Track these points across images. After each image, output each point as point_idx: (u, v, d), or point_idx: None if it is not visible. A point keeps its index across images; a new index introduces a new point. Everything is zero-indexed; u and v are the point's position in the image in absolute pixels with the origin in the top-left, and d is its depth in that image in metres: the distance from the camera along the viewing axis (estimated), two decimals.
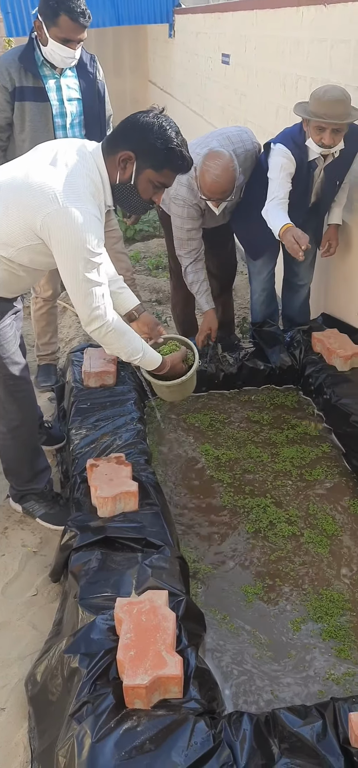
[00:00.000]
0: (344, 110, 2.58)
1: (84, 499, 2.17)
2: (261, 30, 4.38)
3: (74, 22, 2.68)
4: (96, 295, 1.94)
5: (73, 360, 3.04)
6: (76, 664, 1.58)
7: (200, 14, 6.54)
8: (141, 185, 1.96)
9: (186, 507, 2.46)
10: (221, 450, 2.74)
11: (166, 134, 1.89)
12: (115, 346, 2.12)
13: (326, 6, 3.27)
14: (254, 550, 2.25)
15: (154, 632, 1.58)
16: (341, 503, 2.44)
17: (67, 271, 1.91)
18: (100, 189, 1.96)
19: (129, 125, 1.93)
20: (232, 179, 2.73)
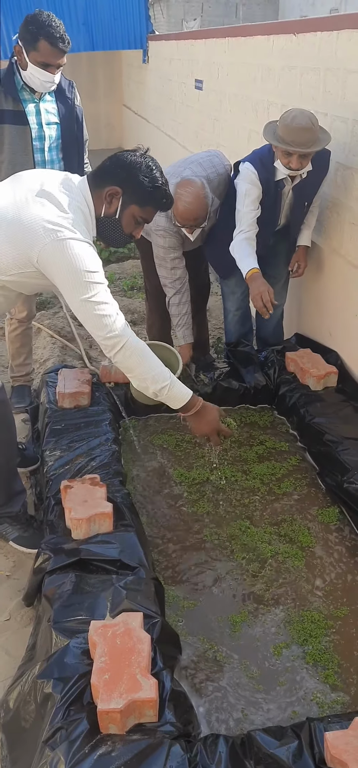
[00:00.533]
0: (311, 137, 2.64)
1: (58, 521, 2.14)
2: (233, 57, 4.48)
3: (53, 47, 2.72)
4: (107, 314, 1.93)
5: (48, 381, 3.02)
6: (49, 690, 1.55)
7: (173, 41, 6.67)
8: (125, 219, 2.05)
9: (162, 527, 2.45)
10: (195, 470, 2.74)
11: (153, 173, 2.01)
12: (139, 371, 2.04)
13: (296, 35, 3.37)
14: (234, 572, 2.24)
15: (129, 655, 1.57)
16: (311, 512, 2.49)
17: (73, 299, 1.92)
18: (89, 220, 2.02)
19: (117, 162, 2.03)
20: (203, 206, 2.78)
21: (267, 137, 2.79)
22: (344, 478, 2.44)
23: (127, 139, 10.46)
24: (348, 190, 2.95)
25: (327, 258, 3.21)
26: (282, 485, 2.63)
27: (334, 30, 2.97)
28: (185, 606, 2.10)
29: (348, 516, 2.44)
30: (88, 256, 1.89)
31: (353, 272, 2.94)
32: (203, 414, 2.18)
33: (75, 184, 2.03)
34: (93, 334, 1.98)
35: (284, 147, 2.69)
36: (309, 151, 2.67)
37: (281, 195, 2.95)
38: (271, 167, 2.87)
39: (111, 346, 1.97)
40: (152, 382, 2.06)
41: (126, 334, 1.98)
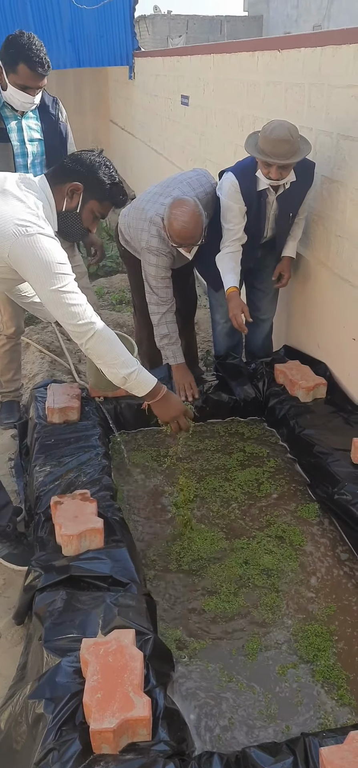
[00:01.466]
0: (289, 149, 2.68)
1: (48, 538, 2.12)
2: (218, 73, 4.53)
3: (32, 71, 2.74)
4: (78, 303, 2.01)
5: (37, 396, 3.00)
6: (41, 710, 1.53)
7: (159, 57, 6.73)
8: (84, 214, 2.17)
9: (153, 544, 2.44)
10: (186, 482, 2.73)
11: (110, 171, 2.16)
12: (110, 356, 2.10)
13: (280, 51, 3.41)
14: (227, 586, 2.23)
15: (121, 673, 1.55)
16: (294, 511, 2.51)
17: (44, 290, 1.99)
18: (50, 215, 2.11)
19: (78, 161, 2.15)
20: (200, 223, 2.80)
21: (248, 149, 2.83)
22: (335, 489, 2.45)
23: (114, 155, 10.51)
24: (334, 203, 2.98)
25: (314, 270, 3.23)
26: (262, 488, 2.68)
27: (318, 46, 3.01)
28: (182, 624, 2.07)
29: (339, 528, 2.44)
30: (56, 250, 1.97)
31: (340, 284, 2.97)
32: (167, 400, 2.26)
33: (35, 182, 2.11)
34: (64, 322, 2.04)
35: (263, 158, 2.73)
36: (288, 162, 2.71)
37: (265, 205, 2.98)
38: (253, 177, 2.90)
39: (83, 333, 2.04)
40: (122, 367, 2.11)
41: (96, 322, 2.05)
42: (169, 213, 2.79)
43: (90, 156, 2.16)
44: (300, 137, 2.76)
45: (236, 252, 3.04)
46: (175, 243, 2.84)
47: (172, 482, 2.73)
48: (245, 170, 2.94)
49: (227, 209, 2.99)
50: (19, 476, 2.86)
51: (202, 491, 2.69)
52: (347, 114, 2.79)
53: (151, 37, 17.98)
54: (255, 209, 2.98)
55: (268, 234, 3.11)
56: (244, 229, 3.03)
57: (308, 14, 17.87)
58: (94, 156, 2.16)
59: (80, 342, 2.07)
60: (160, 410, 2.28)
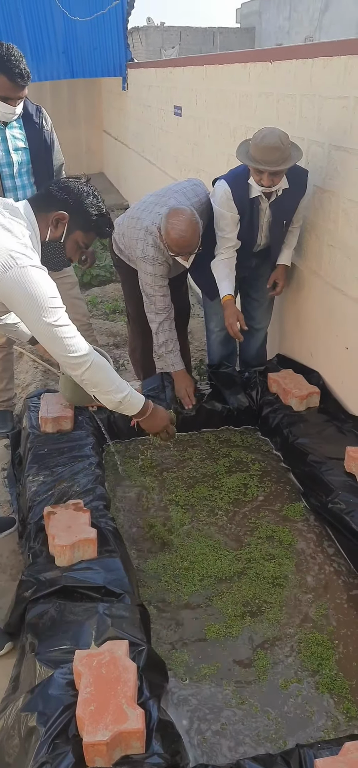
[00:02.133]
0: (280, 156, 2.70)
1: (41, 548, 2.11)
2: (211, 84, 4.56)
3: (12, 83, 2.77)
4: (71, 336, 1.97)
5: (30, 405, 2.99)
6: (33, 723, 1.51)
7: (152, 68, 6.77)
8: (69, 244, 2.09)
9: (149, 554, 2.42)
10: (180, 491, 2.72)
11: (97, 202, 2.09)
12: (105, 384, 2.09)
13: (272, 63, 3.44)
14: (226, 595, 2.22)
15: (114, 685, 1.54)
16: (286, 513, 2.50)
17: (37, 325, 1.92)
18: (36, 244, 2.01)
19: (64, 189, 2.06)
20: (197, 231, 2.80)
21: (239, 157, 2.85)
22: (329, 498, 2.45)
23: (107, 165, 10.55)
24: (326, 213, 3.00)
25: (307, 279, 3.24)
26: (249, 491, 2.71)
27: (309, 57, 3.03)
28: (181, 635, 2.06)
29: (333, 537, 2.44)
30: (46, 282, 1.90)
31: (333, 293, 2.98)
32: (154, 414, 2.31)
33: (19, 208, 2.01)
34: (58, 356, 2.01)
35: (254, 165, 2.75)
36: (279, 169, 2.73)
37: (258, 213, 2.99)
38: (245, 185, 2.92)
39: (79, 364, 2.01)
40: (116, 392, 2.12)
41: (91, 353, 2.03)
42: (166, 222, 2.79)
43: (78, 184, 2.08)
44: (291, 144, 2.78)
45: (230, 258, 3.06)
46: (173, 252, 2.84)
47: (166, 491, 2.73)
48: (238, 178, 2.96)
49: (220, 217, 3.01)
50: (12, 486, 2.85)
51: (191, 499, 2.69)
52: (339, 124, 2.81)
53: (145, 48, 18.09)
54: (248, 217, 2.99)
55: (262, 242, 3.12)
56: (237, 236, 3.04)
57: (300, 26, 18.04)
58: (81, 185, 2.09)
59: (76, 374, 2.04)
60: (148, 424, 2.33)
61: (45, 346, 2.01)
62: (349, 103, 2.71)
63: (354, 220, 2.75)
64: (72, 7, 7.61)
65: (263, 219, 3.02)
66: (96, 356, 2.05)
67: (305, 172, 2.97)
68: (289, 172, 2.88)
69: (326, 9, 16.93)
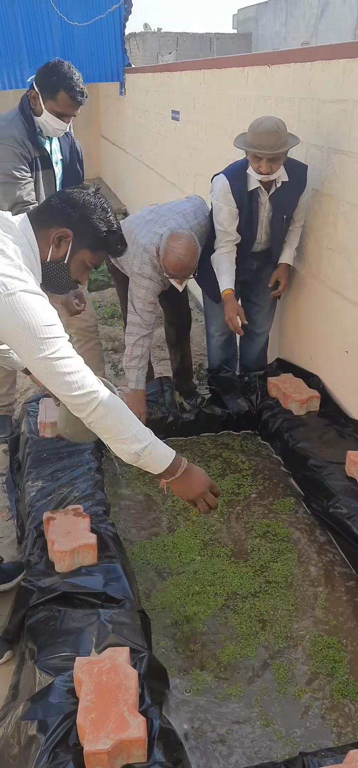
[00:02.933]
0: (277, 140, 2.70)
1: (41, 554, 2.09)
2: (209, 88, 4.56)
3: (72, 100, 2.77)
4: (73, 370, 1.66)
5: (29, 410, 2.98)
6: (33, 732, 1.49)
7: (149, 73, 6.77)
8: (73, 265, 1.81)
9: (149, 561, 2.41)
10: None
11: (107, 216, 1.80)
12: (118, 430, 1.72)
13: (270, 67, 3.44)
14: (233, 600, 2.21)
15: (115, 692, 1.52)
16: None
17: (31, 359, 1.64)
18: (35, 266, 1.75)
19: (68, 201, 1.78)
20: (195, 256, 2.80)
21: (238, 144, 2.87)
22: (330, 503, 2.43)
23: (105, 170, 10.56)
24: (325, 216, 2.99)
25: (307, 283, 3.24)
26: (242, 490, 2.72)
27: (307, 61, 3.03)
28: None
29: (335, 541, 2.42)
30: (43, 309, 1.62)
31: (332, 297, 2.97)
32: (188, 474, 1.83)
33: (15, 224, 1.74)
34: (60, 395, 1.69)
35: (252, 151, 2.76)
36: (276, 152, 2.73)
37: (257, 206, 2.98)
38: (244, 177, 2.92)
39: (83, 405, 1.68)
40: (133, 442, 1.73)
41: (98, 389, 1.70)
42: (165, 245, 2.77)
43: (84, 196, 1.78)
44: (288, 133, 2.78)
45: (230, 252, 3.05)
46: (169, 274, 2.82)
47: (165, 495, 2.71)
48: (236, 171, 2.97)
49: (218, 211, 3.01)
50: (11, 491, 2.83)
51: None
52: (337, 128, 2.81)
53: (142, 54, 18.12)
54: (247, 210, 2.98)
55: (262, 239, 3.11)
56: (237, 230, 3.04)
57: (297, 31, 18.10)
58: (88, 196, 1.79)
59: (82, 416, 1.71)
60: (181, 488, 1.84)
61: (43, 382, 1.71)
62: (347, 106, 2.71)
63: (353, 224, 2.75)
64: (70, 12, 7.63)
65: (263, 213, 3.01)
66: (105, 395, 1.70)
67: (305, 166, 2.97)
68: (289, 165, 2.88)
69: (323, 15, 17.00)
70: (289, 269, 3.19)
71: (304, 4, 17.76)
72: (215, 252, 3.08)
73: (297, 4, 18.09)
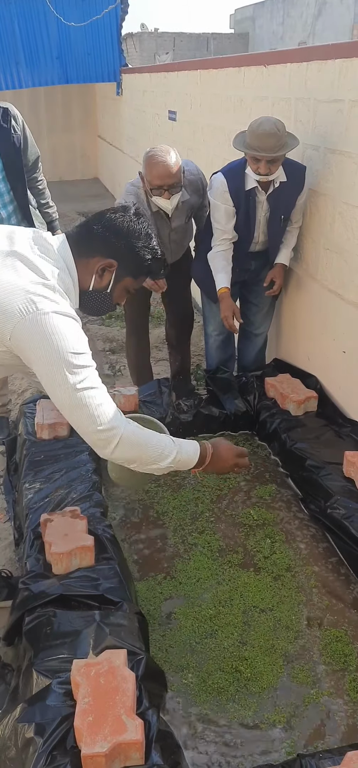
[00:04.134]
0: (276, 143, 2.70)
1: (38, 556, 2.09)
2: (205, 89, 4.56)
3: None
4: (98, 403, 1.60)
5: (26, 412, 2.97)
6: (30, 734, 1.49)
7: (146, 73, 6.77)
8: (117, 292, 1.78)
9: (147, 563, 2.40)
10: (180, 495, 2.71)
11: (151, 243, 1.75)
12: (142, 459, 1.72)
13: (267, 67, 3.44)
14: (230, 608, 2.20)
15: (113, 695, 1.52)
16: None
17: (55, 385, 1.58)
18: (71, 291, 1.70)
19: (111, 229, 1.71)
20: (178, 164, 2.80)
21: (236, 145, 2.87)
22: (327, 503, 2.43)
23: (102, 170, 10.55)
24: (322, 216, 3.00)
25: (304, 283, 3.24)
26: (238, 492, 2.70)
27: (303, 61, 3.03)
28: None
29: (333, 542, 2.42)
30: (73, 335, 1.56)
31: (330, 297, 2.97)
32: (217, 457, 1.88)
33: (53, 246, 1.69)
34: (81, 429, 1.63)
35: (251, 153, 2.76)
36: (275, 155, 2.73)
37: (254, 205, 2.98)
38: (242, 176, 2.92)
39: (105, 441, 1.63)
40: (161, 460, 1.73)
41: (121, 425, 1.64)
42: (146, 157, 2.80)
43: (127, 223, 1.72)
44: (287, 133, 2.78)
45: (226, 250, 3.06)
46: (155, 185, 2.80)
47: (165, 494, 2.71)
48: (234, 170, 2.98)
49: (215, 209, 3.02)
50: (8, 493, 2.83)
51: (185, 501, 2.68)
52: (334, 128, 2.81)
53: (139, 54, 18.12)
54: (244, 209, 2.99)
55: (260, 238, 3.10)
56: (235, 229, 3.04)
57: (293, 31, 18.12)
58: (132, 223, 1.72)
59: (104, 452, 1.67)
60: (215, 469, 1.90)
61: (64, 413, 1.64)
62: (344, 106, 2.71)
63: (350, 224, 2.75)
64: (66, 12, 7.63)
65: (261, 213, 3.01)
66: (126, 428, 1.66)
67: (303, 167, 2.97)
68: (287, 166, 2.88)
69: (320, 14, 17.03)
70: (285, 269, 3.19)
71: (301, 4, 17.78)
72: (212, 250, 3.09)
73: (294, 4, 18.12)
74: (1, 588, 2.20)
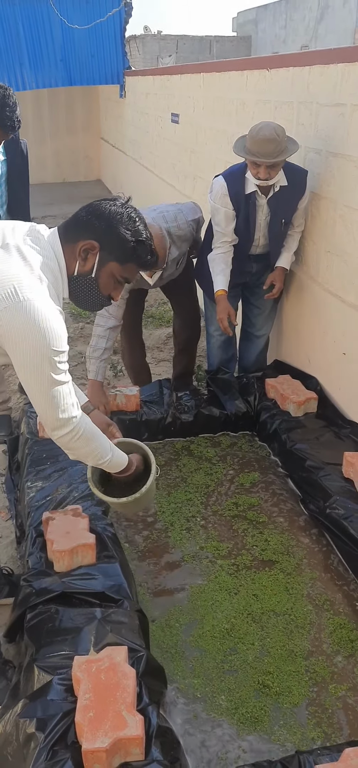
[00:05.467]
0: (275, 148, 2.73)
1: (40, 554, 2.11)
2: (208, 92, 4.58)
3: (3, 131, 2.89)
4: (63, 396, 1.66)
5: (28, 411, 2.99)
6: (32, 729, 1.50)
7: (149, 76, 6.80)
8: (102, 279, 1.75)
9: (151, 562, 2.42)
10: (179, 493, 2.72)
11: (136, 226, 1.74)
12: (83, 452, 1.82)
13: (269, 70, 3.46)
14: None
15: (114, 691, 1.53)
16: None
17: (28, 373, 1.62)
18: (59, 279, 1.72)
19: (94, 212, 1.73)
20: (162, 247, 2.79)
21: (236, 151, 2.89)
22: (327, 504, 2.45)
23: (105, 172, 10.58)
24: (323, 219, 3.01)
25: (305, 285, 3.26)
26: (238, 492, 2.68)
27: (306, 65, 3.05)
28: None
29: (332, 542, 2.44)
30: (54, 324, 1.58)
31: (330, 299, 2.99)
32: (137, 469, 2.04)
33: (44, 236, 1.72)
34: (40, 411, 1.70)
35: (251, 158, 2.78)
36: (275, 161, 2.75)
37: (254, 209, 3.00)
38: (242, 180, 2.94)
39: (58, 428, 1.71)
40: (94, 461, 1.88)
41: (77, 417, 1.73)
42: None
43: (110, 206, 1.73)
44: (288, 138, 2.80)
45: (226, 253, 3.09)
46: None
47: (164, 492, 2.73)
48: (234, 174, 3.00)
49: (215, 211, 3.05)
50: (10, 492, 2.84)
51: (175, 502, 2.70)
52: (336, 131, 2.83)
53: (142, 56, 18.17)
54: (243, 213, 3.01)
55: (260, 242, 3.12)
56: (235, 232, 3.06)
57: (296, 35, 18.16)
58: (115, 206, 1.73)
59: (52, 434, 1.75)
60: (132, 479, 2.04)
61: (32, 397, 1.67)
62: (345, 110, 2.73)
63: (351, 227, 2.77)
64: (70, 15, 7.66)
65: (261, 216, 3.03)
66: (81, 421, 1.75)
67: (305, 171, 2.99)
68: (288, 170, 2.90)
69: (322, 18, 17.06)
70: (285, 273, 3.20)
71: (303, 8, 17.82)
72: (212, 252, 3.12)
73: (297, 8, 18.16)
74: (2, 585, 2.22)
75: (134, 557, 2.40)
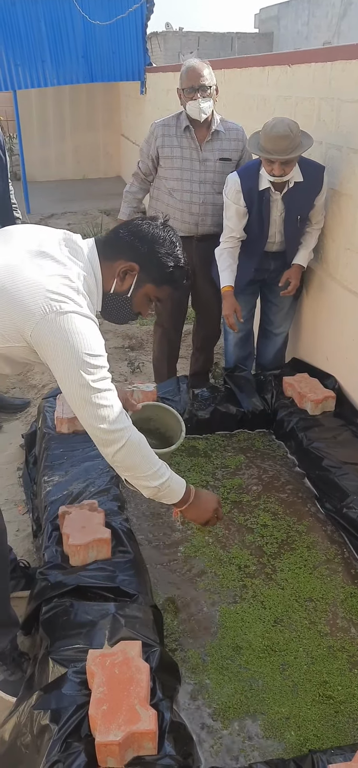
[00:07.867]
0: (289, 145, 2.70)
1: (56, 548, 2.12)
2: (229, 88, 4.56)
3: None
4: (109, 405, 1.63)
5: (46, 406, 3.01)
6: (46, 721, 1.52)
7: (170, 72, 6.79)
8: (137, 298, 1.79)
9: (162, 561, 2.42)
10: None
11: (176, 251, 1.77)
12: (140, 469, 1.72)
13: (291, 66, 3.43)
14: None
15: (127, 685, 1.54)
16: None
17: (70, 383, 1.60)
18: (94, 294, 1.74)
19: (137, 234, 1.75)
20: (209, 68, 3.08)
21: (250, 148, 2.89)
22: (344, 503, 2.43)
23: (125, 169, 10.60)
24: (343, 216, 2.98)
25: (324, 283, 3.23)
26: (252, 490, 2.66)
27: (328, 61, 3.02)
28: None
29: (348, 541, 2.42)
30: (92, 335, 1.59)
31: (350, 297, 2.96)
32: (198, 499, 1.86)
33: (82, 248, 1.73)
34: (89, 426, 1.65)
35: (265, 155, 2.76)
36: (289, 157, 2.72)
37: (268, 205, 2.97)
38: (256, 176, 2.93)
39: (111, 441, 1.66)
40: (152, 478, 1.74)
41: (127, 429, 1.67)
42: (181, 68, 3.13)
43: (152, 228, 1.75)
44: (302, 132, 2.77)
45: (233, 248, 3.09)
46: (188, 89, 3.09)
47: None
48: (249, 170, 2.99)
49: (227, 207, 3.06)
50: (27, 486, 2.87)
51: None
52: (357, 128, 2.79)
53: (163, 53, 18.14)
54: (257, 209, 2.99)
55: (276, 238, 3.09)
56: (248, 229, 3.06)
57: (318, 31, 17.97)
58: (157, 229, 1.76)
59: (106, 452, 1.68)
60: (193, 514, 1.87)
61: (74, 409, 1.65)
62: None
63: None
64: (92, 11, 7.68)
65: (276, 213, 3.00)
66: (133, 435, 1.69)
67: (322, 168, 2.94)
68: (304, 165, 2.87)
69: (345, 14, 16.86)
70: (301, 270, 3.15)
71: (326, 4, 17.63)
72: (219, 246, 3.12)
73: (319, 4, 17.97)
74: (19, 578, 2.24)
75: (153, 560, 2.40)
